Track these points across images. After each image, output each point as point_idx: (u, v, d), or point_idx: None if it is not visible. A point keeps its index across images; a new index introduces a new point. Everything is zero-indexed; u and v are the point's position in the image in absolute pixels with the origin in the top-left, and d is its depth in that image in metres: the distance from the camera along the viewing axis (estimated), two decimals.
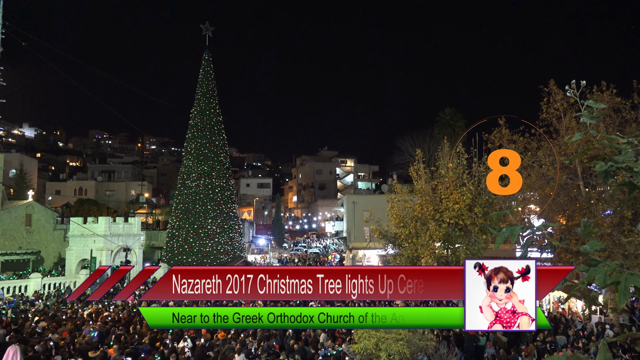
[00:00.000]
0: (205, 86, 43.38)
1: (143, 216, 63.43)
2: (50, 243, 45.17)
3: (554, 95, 20.99)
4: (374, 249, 40.11)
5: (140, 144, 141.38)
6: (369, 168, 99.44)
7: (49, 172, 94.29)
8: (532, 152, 21.78)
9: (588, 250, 2.43)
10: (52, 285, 31.40)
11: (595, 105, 2.72)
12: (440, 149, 22.67)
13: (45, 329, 18.31)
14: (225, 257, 40.51)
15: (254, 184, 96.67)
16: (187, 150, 42.99)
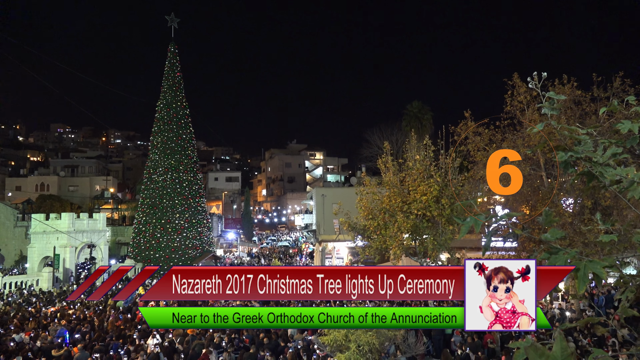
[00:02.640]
0: (172, 79, 42.62)
1: (108, 212, 62.10)
2: (10, 241, 43.78)
3: (518, 88, 21.42)
4: (343, 242, 40.33)
5: (105, 138, 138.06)
6: (337, 161, 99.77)
7: (8, 167, 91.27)
8: (497, 144, 22.22)
9: (549, 238, 2.48)
10: (14, 284, 30.48)
11: (556, 96, 2.77)
12: (407, 142, 22.89)
13: (8, 329, 17.77)
14: (193, 252, 40.06)
15: (222, 177, 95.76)
16: (153, 144, 42.22)
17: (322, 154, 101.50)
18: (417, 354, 13.68)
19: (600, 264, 2.36)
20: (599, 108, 21.06)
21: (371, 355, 11.46)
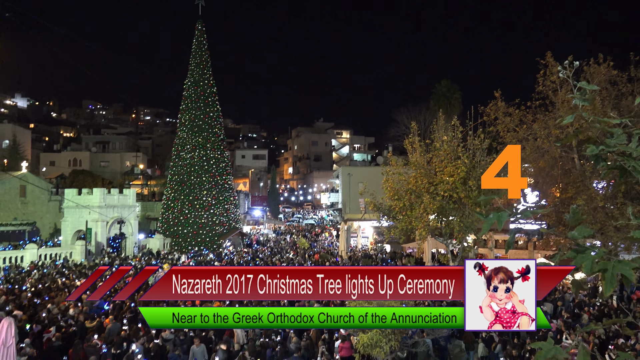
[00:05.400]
0: (199, 57, 42.72)
1: (138, 187, 63.39)
2: (45, 214, 45.15)
3: (551, 68, 20.79)
4: (369, 221, 40.32)
5: (135, 115, 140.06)
6: (364, 140, 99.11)
7: (42, 142, 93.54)
8: (528, 124, 21.71)
9: (576, 236, 2.40)
10: (48, 256, 31.53)
11: (588, 86, 2.65)
12: (435, 122, 22.55)
13: (43, 299, 18.44)
14: (220, 228, 40.64)
15: (249, 155, 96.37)
16: (181, 122, 42.63)
17: (349, 132, 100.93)
18: (440, 336, 13.68)
19: (630, 265, 2.27)
20: (637, 89, 20.34)
21: (393, 336, 11.51)
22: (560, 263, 2.80)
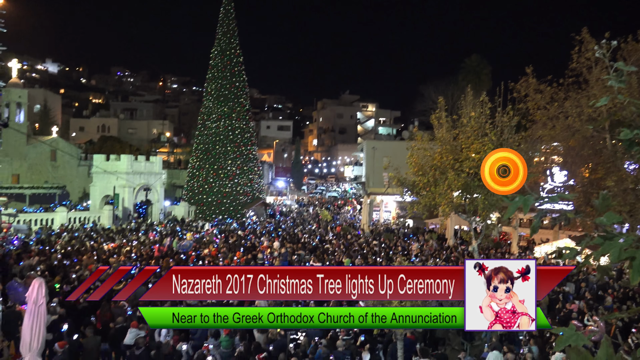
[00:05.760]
0: (226, 26, 42.50)
1: (164, 155, 64.31)
2: (75, 178, 46.27)
3: (586, 44, 20.07)
4: (392, 195, 40.22)
5: (162, 83, 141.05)
6: (390, 113, 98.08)
7: (72, 108, 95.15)
8: (559, 102, 21.15)
9: (605, 222, 2.35)
10: (77, 220, 32.42)
11: (625, 67, 2.55)
12: (463, 97, 22.13)
13: (71, 261, 19.05)
14: (244, 197, 41.08)
15: (274, 126, 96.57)
16: (207, 91, 42.77)
17: (374, 105, 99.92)
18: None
19: None
20: None
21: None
22: (587, 248, 2.76)
